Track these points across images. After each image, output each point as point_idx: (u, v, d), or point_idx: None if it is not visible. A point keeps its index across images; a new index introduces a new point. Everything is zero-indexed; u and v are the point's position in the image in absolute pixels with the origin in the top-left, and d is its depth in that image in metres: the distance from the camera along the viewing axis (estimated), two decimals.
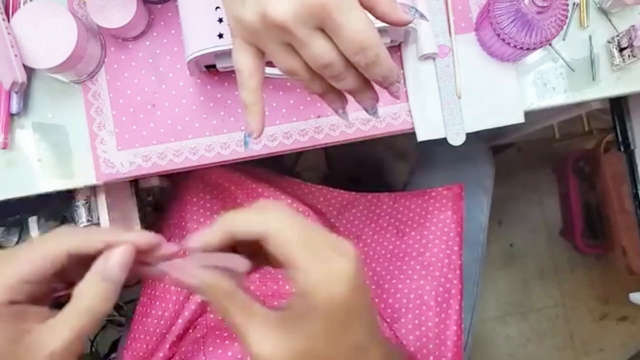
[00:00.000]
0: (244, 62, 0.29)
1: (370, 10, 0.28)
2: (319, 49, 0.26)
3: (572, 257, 1.15)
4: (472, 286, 0.57)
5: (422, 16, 0.30)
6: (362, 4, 0.27)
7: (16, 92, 0.44)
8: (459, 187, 0.54)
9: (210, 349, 0.41)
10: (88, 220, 0.49)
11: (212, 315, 0.47)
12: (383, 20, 0.29)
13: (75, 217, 0.50)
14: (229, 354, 0.40)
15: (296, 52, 0.27)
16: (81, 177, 0.46)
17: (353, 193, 0.59)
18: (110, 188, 0.51)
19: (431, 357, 0.48)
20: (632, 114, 0.59)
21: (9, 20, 0.42)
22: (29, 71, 0.44)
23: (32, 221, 0.50)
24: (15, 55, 0.41)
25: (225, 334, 0.42)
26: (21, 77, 0.42)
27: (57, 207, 0.50)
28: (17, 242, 0.51)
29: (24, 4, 0.45)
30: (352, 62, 0.27)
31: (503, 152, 1.08)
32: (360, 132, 0.46)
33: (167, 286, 0.49)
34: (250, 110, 0.30)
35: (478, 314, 0.57)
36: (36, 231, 0.50)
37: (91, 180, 0.46)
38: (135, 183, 0.57)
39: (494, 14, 0.41)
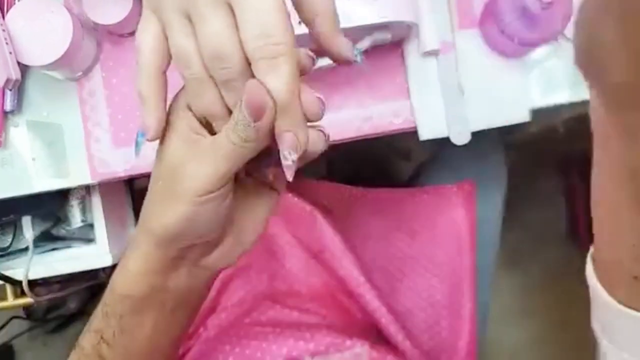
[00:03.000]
0: (145, 38, 0.23)
1: (308, 23, 0.23)
2: (215, 27, 0.20)
3: (577, 259, 1.13)
4: (486, 289, 0.56)
5: (363, 64, 0.24)
6: (299, 12, 0.22)
7: (10, 90, 0.44)
8: (471, 185, 0.54)
9: (227, 347, 0.40)
10: (82, 221, 0.49)
11: (223, 315, 0.46)
12: (318, 42, 0.23)
13: (70, 217, 0.49)
14: (247, 352, 0.40)
15: (194, 32, 0.21)
16: (76, 176, 0.45)
17: (361, 189, 0.58)
18: (105, 188, 0.51)
19: (444, 356, 0.48)
20: None
21: (3, 17, 0.41)
22: (24, 68, 0.43)
23: (26, 221, 0.49)
24: (10, 52, 0.41)
25: (242, 333, 0.42)
26: (15, 74, 0.41)
27: (51, 207, 0.49)
28: (11, 243, 0.50)
29: (19, 0, 0.44)
30: (250, 56, 0.20)
31: (505, 151, 1.07)
32: (361, 130, 0.45)
33: None
34: (145, 103, 0.23)
35: (488, 318, 0.57)
36: (30, 231, 0.49)
37: (86, 179, 0.45)
38: (130, 183, 0.56)
39: (498, 9, 0.40)
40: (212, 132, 0.23)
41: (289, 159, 0.21)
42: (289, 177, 0.22)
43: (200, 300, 0.29)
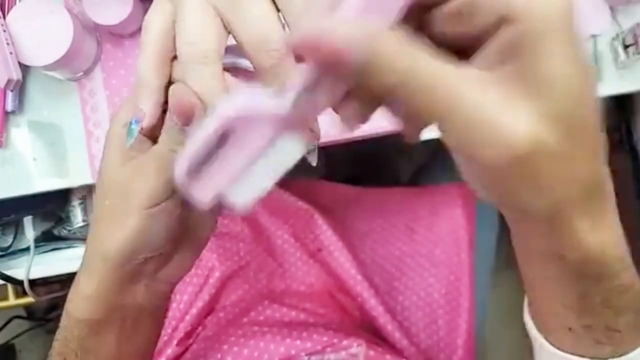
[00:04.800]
0: (156, 18, 0.21)
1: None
2: (260, 10, 0.19)
3: None
4: (484, 288, 0.56)
5: None
6: None
7: (11, 90, 0.44)
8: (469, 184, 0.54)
9: (225, 346, 0.40)
10: (84, 221, 0.49)
11: (222, 314, 0.46)
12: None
13: (71, 217, 0.49)
14: (245, 351, 0.40)
15: (218, 18, 0.20)
16: (77, 176, 0.45)
17: (359, 188, 0.58)
18: None
19: (442, 355, 0.48)
20: (637, 112, 0.59)
21: (4, 18, 0.41)
22: (25, 69, 0.43)
23: (27, 221, 0.50)
24: (11, 53, 0.41)
25: (239, 332, 0.42)
26: (16, 74, 0.42)
27: (52, 207, 0.49)
28: (12, 243, 0.50)
29: (19, 1, 0.44)
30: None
31: None
32: (362, 130, 0.46)
33: None
34: (144, 86, 0.22)
35: (486, 318, 0.57)
36: (31, 231, 0.50)
37: (87, 179, 0.45)
38: None
39: None
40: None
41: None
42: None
43: (163, 312, 0.28)
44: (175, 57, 0.22)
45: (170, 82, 0.23)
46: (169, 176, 0.22)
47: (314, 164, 0.23)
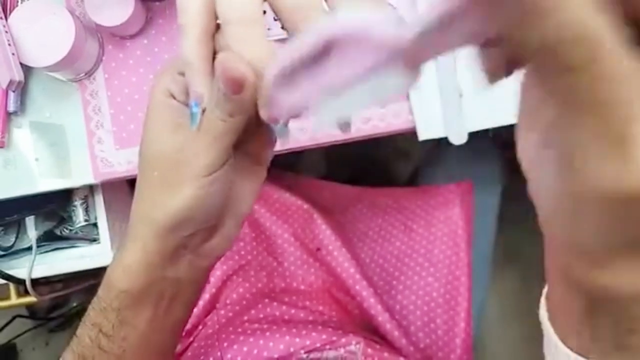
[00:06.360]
0: None
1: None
2: None
3: None
4: (482, 287, 0.57)
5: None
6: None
7: (13, 91, 0.44)
8: (468, 185, 0.55)
9: (225, 344, 0.41)
10: (85, 220, 0.49)
11: (222, 312, 0.47)
12: None
13: (73, 216, 0.50)
14: (245, 349, 0.40)
15: None
16: (79, 176, 0.45)
17: (359, 188, 0.59)
18: (108, 188, 0.51)
19: (440, 354, 0.49)
20: None
21: (6, 19, 0.42)
22: (27, 70, 0.44)
23: (29, 221, 0.50)
24: (13, 54, 0.41)
25: (239, 330, 0.42)
26: (18, 75, 0.42)
27: (54, 206, 0.50)
28: (14, 242, 0.51)
29: (21, 2, 0.45)
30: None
31: (504, 149, 1.07)
32: (361, 131, 0.46)
33: None
34: (193, 70, 0.21)
35: (484, 316, 0.57)
36: (33, 231, 0.50)
37: (89, 179, 0.45)
38: (133, 182, 0.56)
39: None
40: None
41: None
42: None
43: (199, 290, 0.29)
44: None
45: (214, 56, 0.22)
46: (223, 144, 0.22)
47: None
